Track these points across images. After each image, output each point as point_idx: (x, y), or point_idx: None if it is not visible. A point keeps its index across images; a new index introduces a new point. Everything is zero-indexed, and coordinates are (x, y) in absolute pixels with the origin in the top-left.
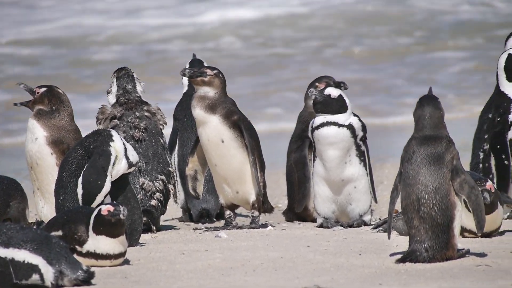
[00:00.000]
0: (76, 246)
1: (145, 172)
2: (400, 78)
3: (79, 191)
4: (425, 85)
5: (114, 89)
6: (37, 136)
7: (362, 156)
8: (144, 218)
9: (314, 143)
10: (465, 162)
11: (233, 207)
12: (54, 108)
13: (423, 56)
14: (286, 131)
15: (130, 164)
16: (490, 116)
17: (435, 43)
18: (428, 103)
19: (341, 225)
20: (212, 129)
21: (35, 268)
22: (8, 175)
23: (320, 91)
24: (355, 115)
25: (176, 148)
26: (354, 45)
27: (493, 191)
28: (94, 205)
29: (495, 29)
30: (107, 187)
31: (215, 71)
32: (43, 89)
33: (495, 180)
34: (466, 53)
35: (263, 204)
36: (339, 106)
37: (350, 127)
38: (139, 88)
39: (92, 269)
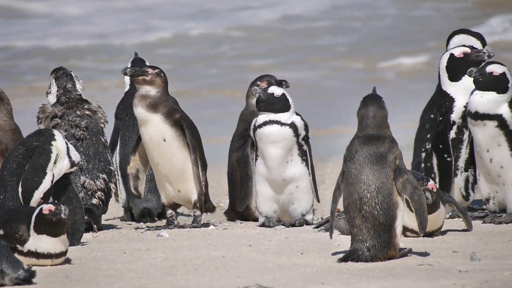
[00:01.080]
0: (17, 245)
1: (86, 171)
2: None
3: (19, 189)
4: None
5: (54, 89)
6: None
7: (304, 155)
8: (86, 217)
9: (256, 142)
10: (407, 162)
11: (174, 206)
12: None
13: None
14: None
15: (73, 163)
16: (432, 115)
17: None
18: (372, 102)
19: (283, 224)
20: (154, 128)
21: None
22: None
23: (264, 90)
24: (297, 114)
25: (118, 146)
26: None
27: (435, 190)
28: (33, 202)
29: None
30: (45, 184)
31: (156, 70)
32: None
33: (437, 180)
34: None
35: (205, 203)
36: (282, 104)
37: (292, 125)
38: (78, 86)
39: (33, 268)
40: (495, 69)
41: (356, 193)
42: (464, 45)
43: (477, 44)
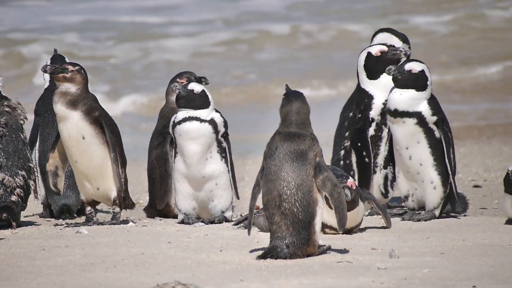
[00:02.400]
0: None
1: (5, 167)
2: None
3: None
4: None
5: None
6: None
7: (224, 152)
8: (4, 214)
9: (175, 138)
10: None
11: (94, 203)
12: None
13: None
14: None
15: None
16: (351, 113)
17: None
18: (296, 99)
19: (202, 221)
20: (73, 125)
21: None
22: None
23: (184, 86)
24: (217, 111)
25: (37, 143)
26: None
27: (354, 188)
28: None
29: None
30: None
31: (77, 67)
32: None
33: (356, 177)
34: None
35: (124, 200)
36: (201, 101)
37: (212, 122)
38: None
39: None
40: (414, 66)
41: (276, 190)
42: (382, 44)
43: (399, 44)
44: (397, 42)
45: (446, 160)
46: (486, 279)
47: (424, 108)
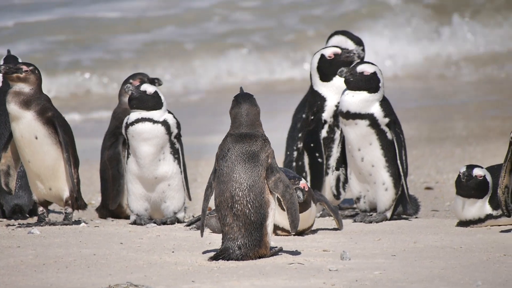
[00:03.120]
0: None
1: None
2: None
3: None
4: None
5: None
6: None
7: (176, 153)
8: None
9: (128, 139)
10: (279, 160)
11: (46, 203)
12: None
13: None
14: None
15: None
16: (303, 115)
17: None
18: (245, 101)
19: (154, 222)
20: (26, 125)
21: None
22: None
23: (137, 87)
24: (169, 112)
25: None
26: None
27: (306, 189)
28: None
29: None
30: None
31: (31, 67)
32: None
33: (308, 179)
34: None
35: (76, 201)
36: (154, 102)
37: (165, 123)
38: None
39: None
40: (366, 68)
41: (228, 191)
42: (336, 46)
43: (353, 47)
44: (351, 45)
45: (398, 161)
46: (437, 281)
47: (376, 110)
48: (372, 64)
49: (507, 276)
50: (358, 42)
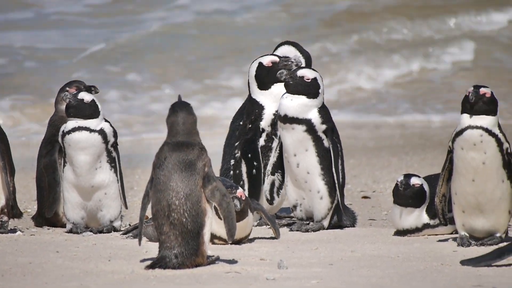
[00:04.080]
0: None
1: None
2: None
3: None
4: None
5: None
6: None
7: (113, 162)
8: None
9: (64, 148)
10: (216, 169)
11: None
12: None
13: None
14: None
15: None
16: (241, 122)
17: None
18: (182, 109)
19: (91, 231)
20: None
21: None
22: None
23: (74, 96)
24: (106, 120)
25: None
26: None
27: (243, 198)
28: None
29: None
30: None
31: None
32: None
33: (246, 187)
34: None
35: (12, 209)
36: (91, 111)
37: (101, 132)
38: None
39: None
40: (306, 73)
41: (165, 200)
42: (274, 54)
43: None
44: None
45: (334, 170)
46: None
47: (314, 116)
48: (313, 70)
49: (444, 286)
50: (307, 56)
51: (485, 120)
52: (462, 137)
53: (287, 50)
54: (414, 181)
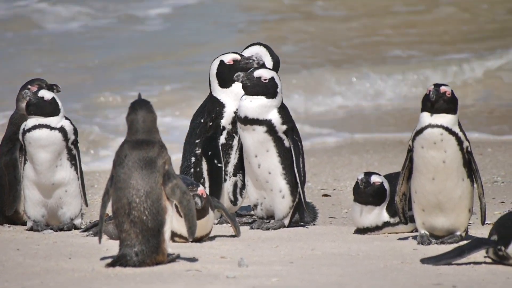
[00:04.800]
0: None
1: None
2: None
3: None
4: None
5: None
6: None
7: (73, 159)
8: None
9: (25, 146)
10: (176, 166)
11: None
12: None
13: None
14: None
15: None
16: (202, 120)
17: None
18: (141, 107)
19: (51, 229)
20: None
21: None
22: None
23: (34, 93)
24: (66, 118)
25: None
26: None
27: (204, 196)
28: None
29: None
30: None
31: None
32: None
33: (206, 185)
34: None
35: None
36: (52, 108)
37: (62, 130)
38: None
39: None
40: (263, 74)
41: (125, 198)
42: (235, 52)
43: (269, 62)
44: (268, 60)
45: (295, 169)
46: None
47: (274, 116)
48: (270, 69)
49: (404, 284)
50: (276, 60)
51: (446, 119)
52: (422, 135)
53: (256, 51)
54: (375, 179)
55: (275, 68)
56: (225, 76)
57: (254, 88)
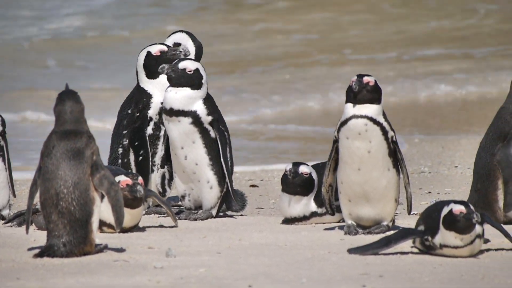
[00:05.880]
0: None
1: None
2: None
3: None
4: None
5: None
6: None
7: (1, 150)
8: None
9: None
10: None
11: None
12: None
13: None
14: None
15: None
16: (129, 111)
17: None
18: (69, 98)
19: None
20: None
21: None
22: None
23: None
24: None
25: None
26: None
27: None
28: None
29: None
30: None
31: None
32: None
33: None
34: None
35: None
36: None
37: None
38: None
39: None
40: (188, 65)
41: (53, 189)
42: (162, 43)
43: (192, 48)
44: (190, 46)
45: (222, 160)
46: (262, 278)
47: (199, 107)
48: (194, 60)
49: (331, 274)
50: (198, 46)
51: (370, 109)
52: (347, 126)
53: (179, 38)
54: (303, 169)
55: (198, 54)
56: (152, 67)
57: (179, 79)
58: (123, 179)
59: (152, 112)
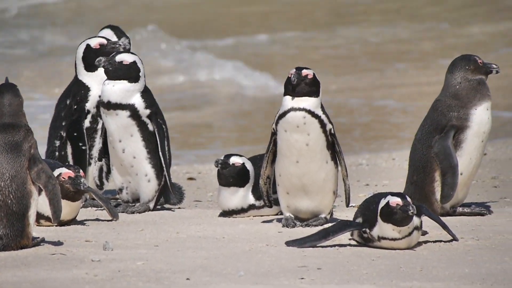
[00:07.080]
0: None
1: None
2: None
3: None
4: None
5: None
6: None
7: None
8: None
9: None
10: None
11: None
12: None
13: None
14: None
15: None
16: (67, 103)
17: None
18: (8, 90)
19: None
20: None
21: None
22: None
23: None
24: None
25: None
26: None
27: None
28: None
29: None
30: None
31: None
32: None
33: None
34: None
35: None
36: None
37: None
38: None
39: None
40: (125, 58)
41: None
42: (103, 37)
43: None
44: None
45: (160, 153)
46: (199, 271)
47: (137, 100)
48: (132, 53)
49: (269, 266)
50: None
51: (308, 102)
52: (285, 119)
53: (107, 34)
54: (235, 160)
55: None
56: (91, 60)
57: (116, 72)
58: (64, 171)
59: (90, 105)
